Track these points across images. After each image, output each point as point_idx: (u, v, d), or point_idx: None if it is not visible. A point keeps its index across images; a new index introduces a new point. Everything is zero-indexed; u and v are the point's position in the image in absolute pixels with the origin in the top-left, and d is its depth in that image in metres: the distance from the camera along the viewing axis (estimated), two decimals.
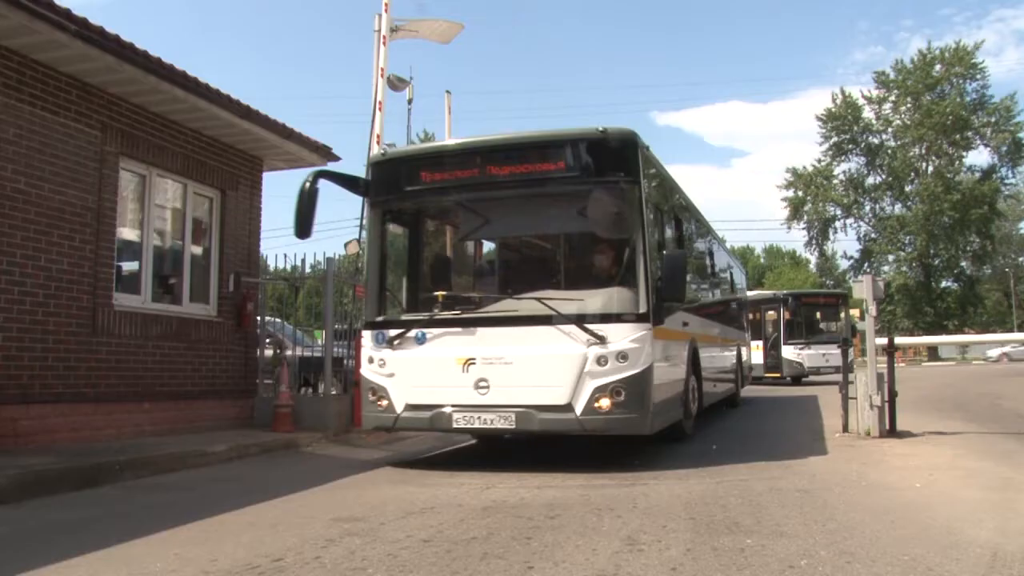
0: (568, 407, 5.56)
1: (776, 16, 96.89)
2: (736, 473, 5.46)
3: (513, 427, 5.69)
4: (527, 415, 5.62)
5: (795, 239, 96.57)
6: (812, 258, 52.20)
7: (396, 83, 11.45)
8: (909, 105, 43.55)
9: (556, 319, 5.65)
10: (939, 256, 43.99)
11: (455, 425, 5.85)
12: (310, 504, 4.75)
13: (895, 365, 8.01)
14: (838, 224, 47.12)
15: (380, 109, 10.74)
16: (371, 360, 6.19)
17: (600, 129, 5.88)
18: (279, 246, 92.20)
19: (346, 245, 10.49)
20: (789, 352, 19.63)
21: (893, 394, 7.68)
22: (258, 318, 9.32)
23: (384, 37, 10.96)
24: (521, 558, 3.26)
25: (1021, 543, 3.41)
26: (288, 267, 11.47)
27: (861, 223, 47.12)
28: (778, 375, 19.70)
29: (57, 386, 6.68)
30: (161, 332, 7.84)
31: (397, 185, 6.45)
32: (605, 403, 5.51)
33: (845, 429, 7.90)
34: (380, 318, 6.37)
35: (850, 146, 45.96)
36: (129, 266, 7.84)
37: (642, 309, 5.69)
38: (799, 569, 3.06)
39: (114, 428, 7.16)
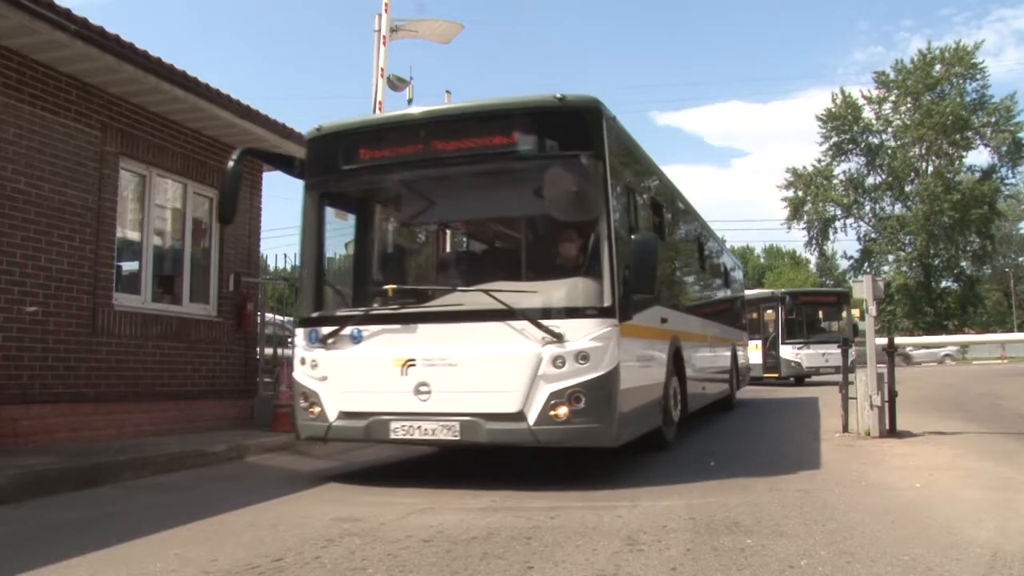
0: (520, 415, 4.87)
1: (776, 16, 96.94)
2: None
3: (457, 438, 4.99)
4: (473, 425, 4.94)
5: (795, 239, 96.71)
6: (812, 258, 52.17)
7: (396, 83, 11.46)
8: (909, 105, 43.51)
9: (506, 314, 4.97)
10: (939, 256, 43.96)
11: (393, 436, 5.15)
12: (307, 504, 4.75)
13: (895, 365, 8.01)
14: (838, 224, 47.08)
15: (380, 109, 10.75)
16: (303, 362, 5.54)
17: (558, 96, 5.16)
18: (279, 246, 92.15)
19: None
20: (787, 352, 19.46)
21: (893, 394, 7.69)
22: (259, 318, 9.33)
23: (384, 37, 10.97)
24: (521, 558, 3.27)
25: (1021, 543, 3.41)
26: (288, 267, 11.47)
27: (861, 223, 47.10)
28: (777, 375, 19.60)
29: (57, 386, 6.68)
30: (161, 332, 7.84)
31: (334, 164, 5.74)
32: (562, 411, 4.81)
33: (845, 429, 7.91)
34: (314, 314, 5.68)
35: (850, 146, 45.92)
36: (129, 266, 7.84)
37: (606, 303, 4.99)
38: (799, 569, 3.06)
39: (114, 428, 7.16)
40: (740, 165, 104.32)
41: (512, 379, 4.90)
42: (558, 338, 4.88)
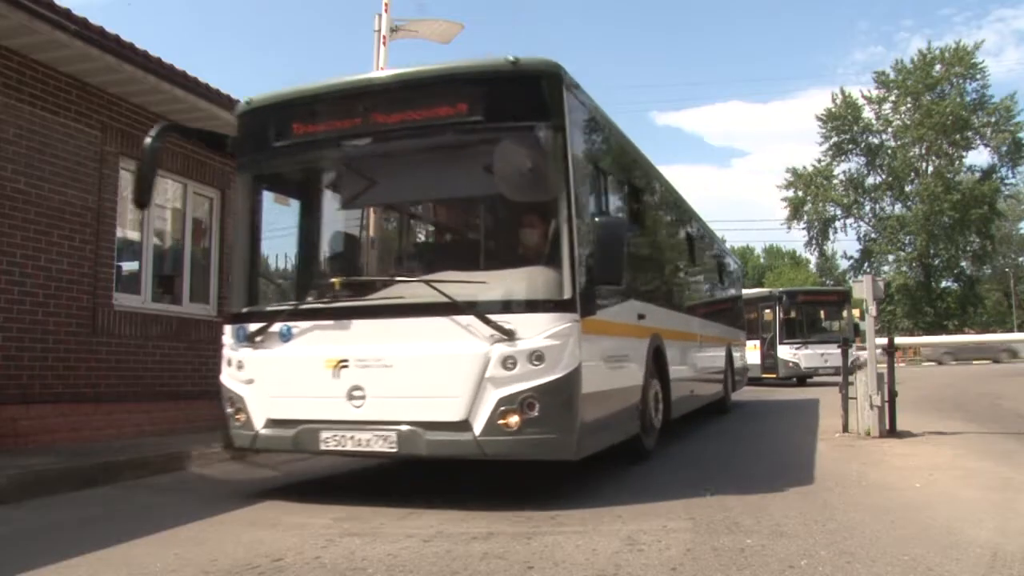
0: (464, 425, 4.27)
1: (776, 16, 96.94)
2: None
3: (395, 450, 4.41)
4: (412, 435, 4.35)
5: (795, 239, 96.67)
6: (812, 258, 52.19)
7: None
8: (909, 105, 43.53)
9: (450, 308, 4.38)
10: (939, 256, 43.98)
11: (323, 446, 4.57)
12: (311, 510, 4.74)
13: (895, 365, 8.01)
14: (838, 224, 47.11)
15: None
16: (229, 363, 5.00)
17: (511, 59, 4.52)
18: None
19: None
20: (785, 352, 19.31)
21: (893, 394, 7.69)
22: None
23: (384, 37, 10.96)
24: (521, 558, 3.26)
25: (1021, 543, 3.41)
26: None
27: (861, 223, 47.13)
28: (775, 376, 19.49)
29: (57, 386, 6.68)
30: (161, 332, 7.84)
31: (266, 141, 5.14)
32: (513, 419, 4.21)
33: (845, 429, 7.91)
34: (244, 309, 5.14)
35: (850, 146, 45.94)
36: (129, 266, 7.85)
37: (565, 294, 4.37)
38: (799, 569, 3.06)
39: (114, 428, 7.16)
40: (740, 165, 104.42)
41: (456, 383, 4.31)
42: (509, 335, 4.28)
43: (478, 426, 4.26)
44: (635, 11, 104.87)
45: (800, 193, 46.37)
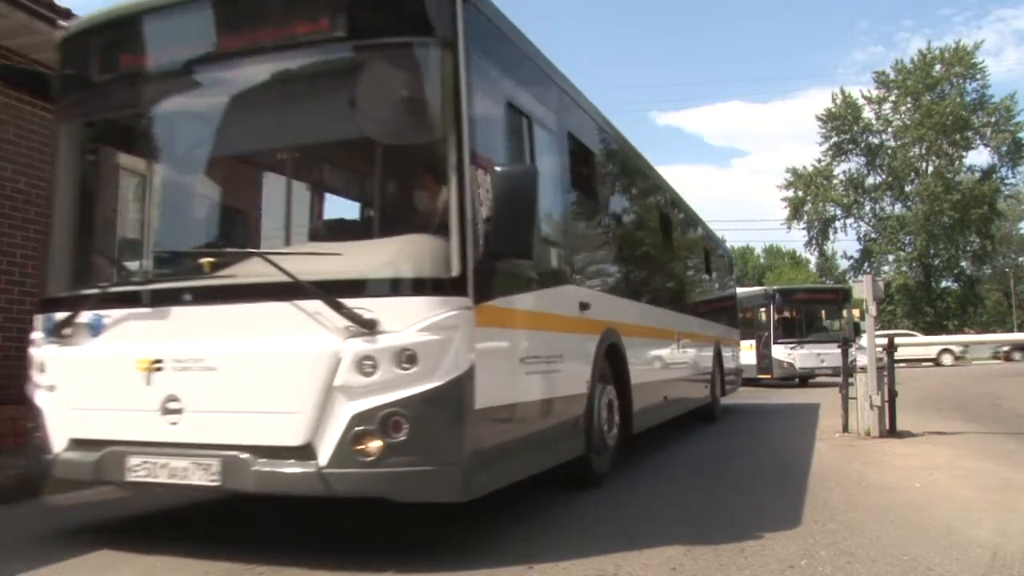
0: (306, 451, 3.16)
1: (776, 16, 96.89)
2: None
3: (218, 483, 3.27)
4: (237, 464, 3.22)
5: (795, 239, 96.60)
6: (812, 258, 52.19)
7: None
8: (909, 105, 43.53)
9: (291, 290, 3.26)
10: (939, 256, 43.99)
11: (130, 476, 3.43)
12: None
13: (895, 365, 8.02)
14: (838, 224, 47.09)
15: None
16: (32, 364, 4.02)
17: None
18: None
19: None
20: (779, 352, 19.01)
21: (893, 394, 7.70)
22: None
23: None
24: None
25: (1021, 543, 3.42)
26: None
27: (861, 223, 47.12)
28: (770, 376, 19.28)
29: None
30: None
31: (87, 77, 4.01)
32: (373, 445, 3.10)
33: (845, 429, 7.91)
34: (55, 294, 4.03)
35: (850, 146, 45.92)
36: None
37: (452, 271, 3.25)
38: (799, 569, 3.06)
39: None
40: (740, 165, 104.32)
41: (294, 393, 3.19)
42: (369, 327, 3.16)
43: (324, 453, 3.13)
44: (635, 11, 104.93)
45: (800, 193, 46.36)
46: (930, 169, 43.64)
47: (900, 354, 8.80)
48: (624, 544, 3.49)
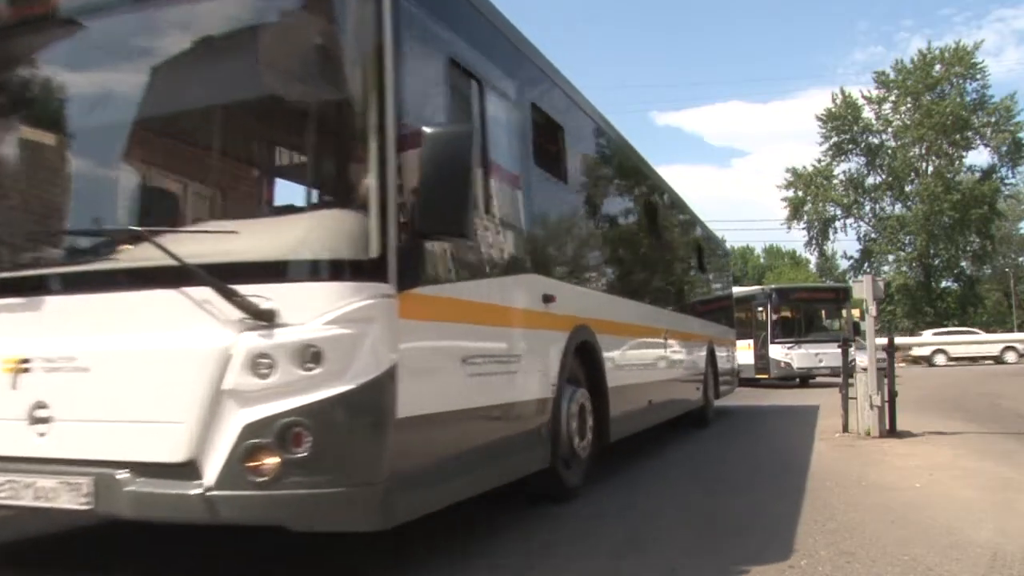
0: (189, 469, 2.65)
1: (776, 16, 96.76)
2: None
3: (91, 507, 2.74)
4: (111, 484, 2.71)
5: (795, 239, 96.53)
6: (812, 258, 52.19)
7: None
8: (909, 105, 43.53)
9: (177, 275, 2.75)
10: (939, 256, 43.99)
11: None
12: None
13: (895, 365, 8.02)
14: (838, 224, 47.07)
15: None
16: None
17: None
18: None
19: None
20: (776, 352, 18.89)
21: (893, 394, 7.70)
22: None
23: None
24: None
25: (1021, 543, 3.42)
26: None
27: (861, 223, 47.10)
28: (767, 376, 19.11)
29: None
30: None
31: None
32: (269, 461, 2.59)
33: (845, 429, 7.92)
34: None
35: (850, 146, 45.92)
36: None
37: (371, 251, 2.75)
38: (799, 569, 3.07)
39: None
40: (740, 165, 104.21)
41: (176, 399, 2.69)
42: (266, 318, 2.66)
43: (210, 472, 2.62)
44: (635, 11, 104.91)
45: (800, 193, 46.35)
46: (930, 169, 43.65)
47: (962, 352, 8.97)
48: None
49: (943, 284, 45.38)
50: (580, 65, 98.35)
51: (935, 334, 30.20)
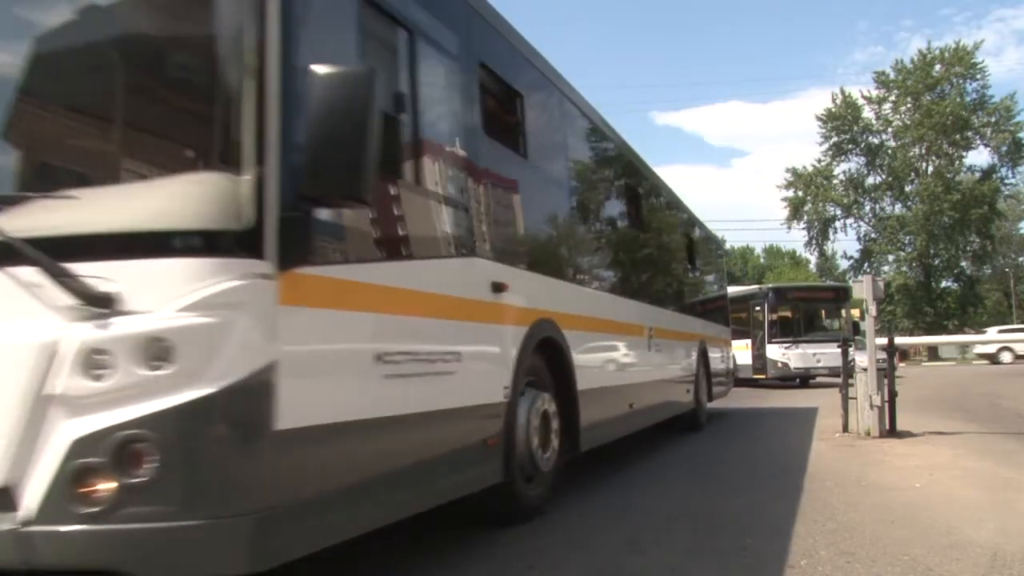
0: (2, 496, 2.09)
1: (776, 16, 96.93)
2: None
3: None
4: None
5: (795, 239, 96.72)
6: (812, 258, 52.20)
7: None
8: (909, 105, 43.54)
9: None
10: (939, 256, 44.00)
11: None
12: None
13: (895, 365, 8.02)
14: (838, 224, 47.09)
15: None
16: None
17: None
18: None
19: None
20: (774, 352, 18.76)
21: (893, 394, 7.70)
22: None
23: None
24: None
25: (1021, 543, 3.42)
26: None
27: (861, 223, 47.12)
28: (764, 376, 19.02)
29: None
30: None
31: None
32: (102, 487, 2.05)
33: (845, 429, 7.91)
34: None
35: (850, 146, 45.94)
36: None
37: (242, 220, 2.22)
38: (799, 569, 3.06)
39: None
40: (740, 165, 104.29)
41: None
42: (103, 304, 2.12)
43: (29, 501, 2.07)
44: (635, 11, 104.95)
45: (800, 193, 46.38)
46: (930, 169, 43.66)
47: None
48: None
49: (943, 284, 45.39)
50: (580, 65, 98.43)
51: (1000, 331, 30.30)
